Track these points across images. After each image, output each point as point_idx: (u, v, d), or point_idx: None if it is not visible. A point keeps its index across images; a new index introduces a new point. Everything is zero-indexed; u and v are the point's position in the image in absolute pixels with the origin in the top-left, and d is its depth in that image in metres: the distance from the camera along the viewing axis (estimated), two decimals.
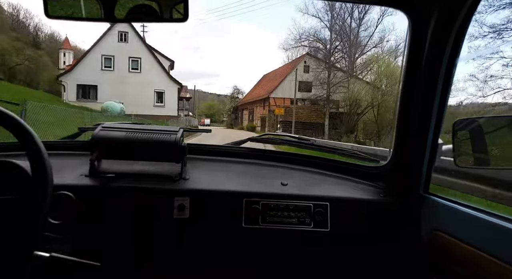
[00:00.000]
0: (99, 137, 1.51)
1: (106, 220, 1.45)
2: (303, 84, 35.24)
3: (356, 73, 33.42)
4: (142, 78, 31.36)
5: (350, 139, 24.39)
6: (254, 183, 1.61)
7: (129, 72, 31.93)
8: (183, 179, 1.53)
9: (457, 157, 1.41)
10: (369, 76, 32.40)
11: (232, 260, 1.59)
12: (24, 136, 1.09)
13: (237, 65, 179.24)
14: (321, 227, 1.51)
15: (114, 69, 31.57)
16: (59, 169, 1.22)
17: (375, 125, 26.96)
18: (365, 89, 29.32)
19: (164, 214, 1.46)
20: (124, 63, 31.81)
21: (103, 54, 31.47)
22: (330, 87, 32.34)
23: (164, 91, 32.80)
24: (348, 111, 30.65)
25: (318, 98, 33.90)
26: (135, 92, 29.83)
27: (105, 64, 31.60)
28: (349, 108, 30.66)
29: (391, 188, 1.63)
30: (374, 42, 33.29)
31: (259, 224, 1.50)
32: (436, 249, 1.36)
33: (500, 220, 1.11)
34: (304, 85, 35.70)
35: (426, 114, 1.41)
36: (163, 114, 28.34)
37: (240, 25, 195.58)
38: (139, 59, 32.17)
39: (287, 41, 62.85)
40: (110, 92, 28.75)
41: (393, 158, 1.63)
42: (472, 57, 13.45)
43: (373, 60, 31.95)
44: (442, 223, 1.35)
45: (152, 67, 32.40)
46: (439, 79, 1.35)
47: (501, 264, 1.04)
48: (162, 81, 32.77)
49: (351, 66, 33.53)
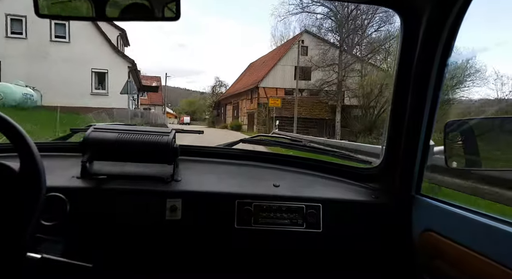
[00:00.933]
0: (90, 138, 1.50)
1: (98, 222, 1.44)
2: (300, 70, 27.34)
3: (374, 54, 25.94)
4: (71, 50, 21.29)
5: (367, 141, 18.69)
6: (246, 185, 1.60)
7: (51, 41, 21.65)
8: (175, 181, 1.52)
9: (449, 159, 1.42)
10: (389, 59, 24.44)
11: (225, 261, 1.58)
12: (16, 137, 1.07)
13: (221, 60, 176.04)
14: (313, 228, 1.51)
15: (28, 37, 21.25)
16: (51, 171, 1.21)
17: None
18: (384, 76, 22.26)
19: (156, 215, 1.45)
20: (43, 27, 20.86)
21: (8, 13, 20.79)
22: (343, 70, 25.15)
23: (107, 71, 22.67)
24: (365, 104, 23.81)
25: (326, 85, 26.39)
26: (61, 71, 20.53)
27: (12, 29, 21.20)
28: (366, 100, 23.73)
29: (383, 189, 1.64)
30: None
31: (251, 225, 1.49)
32: (427, 249, 1.37)
33: (491, 220, 1.12)
34: (302, 72, 28.12)
35: (417, 115, 1.42)
36: (105, 107, 19.72)
37: (223, 20, 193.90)
38: (66, 22, 20.13)
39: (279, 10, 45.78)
40: (23, 71, 19.81)
41: (384, 160, 1.63)
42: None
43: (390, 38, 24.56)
44: (433, 223, 1.35)
45: (89, 35, 21.94)
46: (431, 79, 1.35)
47: (492, 263, 1.05)
48: (104, 57, 22.48)
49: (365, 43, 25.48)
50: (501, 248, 1.05)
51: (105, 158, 1.55)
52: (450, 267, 1.24)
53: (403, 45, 1.42)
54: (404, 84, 1.44)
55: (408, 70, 1.41)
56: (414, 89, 1.41)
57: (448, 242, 1.24)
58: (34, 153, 1.08)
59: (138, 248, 1.52)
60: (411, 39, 1.38)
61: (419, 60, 1.37)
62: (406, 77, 1.42)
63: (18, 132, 1.07)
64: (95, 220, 1.43)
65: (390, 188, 1.60)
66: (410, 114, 1.44)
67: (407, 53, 1.41)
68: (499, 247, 1.06)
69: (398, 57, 1.45)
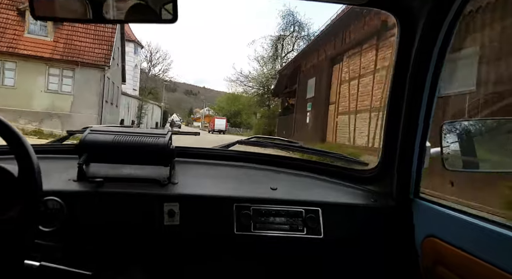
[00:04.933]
0: (87, 140, 1.49)
1: (96, 227, 1.42)
2: None
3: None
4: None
5: None
6: (243, 188, 1.60)
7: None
8: (172, 183, 1.52)
9: (446, 160, 1.42)
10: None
11: (226, 269, 1.57)
12: (13, 139, 1.07)
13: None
14: (314, 234, 1.49)
15: None
16: (47, 174, 1.20)
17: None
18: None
19: (154, 220, 1.44)
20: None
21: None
22: None
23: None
24: None
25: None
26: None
27: None
28: None
29: (381, 192, 1.63)
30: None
31: (251, 230, 1.47)
32: (429, 255, 1.36)
33: (493, 225, 1.10)
34: None
35: (413, 116, 1.42)
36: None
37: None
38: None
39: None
40: None
41: (381, 161, 1.63)
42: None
43: None
44: (435, 228, 1.34)
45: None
46: (427, 80, 1.36)
47: (495, 270, 1.04)
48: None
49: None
50: (504, 254, 1.04)
51: (101, 160, 1.54)
52: (453, 273, 1.22)
53: (399, 47, 1.43)
54: (400, 86, 1.44)
55: (404, 72, 1.42)
56: (410, 90, 1.41)
57: (451, 248, 1.22)
58: (31, 155, 1.07)
59: (137, 254, 1.51)
60: (407, 42, 1.39)
61: (415, 62, 1.38)
62: (402, 79, 1.43)
63: (14, 134, 1.07)
64: (92, 225, 1.42)
65: (387, 190, 1.59)
66: (406, 115, 1.45)
67: (403, 55, 1.42)
68: (502, 252, 1.04)
69: (394, 59, 1.46)
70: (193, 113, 77.81)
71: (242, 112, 43.53)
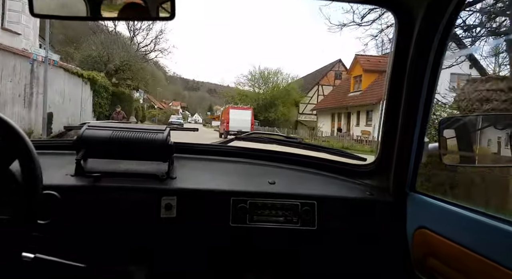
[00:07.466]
0: (85, 136, 1.49)
1: (93, 220, 1.43)
2: None
3: None
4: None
5: None
6: (241, 182, 1.61)
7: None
8: (170, 178, 1.52)
9: (443, 155, 1.43)
10: None
11: (220, 259, 1.58)
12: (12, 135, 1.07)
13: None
14: (308, 226, 1.52)
15: None
16: (45, 169, 1.21)
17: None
18: None
19: (151, 213, 1.45)
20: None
21: None
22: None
23: None
24: None
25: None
26: None
27: None
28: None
29: (377, 186, 1.65)
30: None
31: (246, 223, 1.50)
32: (420, 246, 1.38)
33: (485, 217, 1.12)
34: None
35: (412, 112, 1.43)
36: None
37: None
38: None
39: None
40: None
41: (379, 156, 1.64)
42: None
43: None
44: (427, 220, 1.36)
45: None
46: (425, 77, 1.37)
47: (485, 261, 1.06)
48: None
49: None
50: (493, 244, 1.06)
51: (99, 156, 1.55)
52: (443, 264, 1.25)
53: (398, 43, 1.44)
54: (398, 81, 1.45)
55: (403, 68, 1.42)
56: (409, 86, 1.42)
57: (442, 239, 1.24)
58: (32, 151, 1.07)
59: (133, 246, 1.52)
60: (406, 38, 1.39)
61: (413, 58, 1.39)
62: (401, 75, 1.44)
63: (15, 131, 1.07)
64: (89, 218, 1.43)
65: (384, 185, 1.61)
66: (404, 111, 1.46)
67: (401, 51, 1.42)
68: (491, 244, 1.07)
69: (393, 56, 1.46)
70: (213, 110, 66.50)
71: (278, 102, 28.27)
